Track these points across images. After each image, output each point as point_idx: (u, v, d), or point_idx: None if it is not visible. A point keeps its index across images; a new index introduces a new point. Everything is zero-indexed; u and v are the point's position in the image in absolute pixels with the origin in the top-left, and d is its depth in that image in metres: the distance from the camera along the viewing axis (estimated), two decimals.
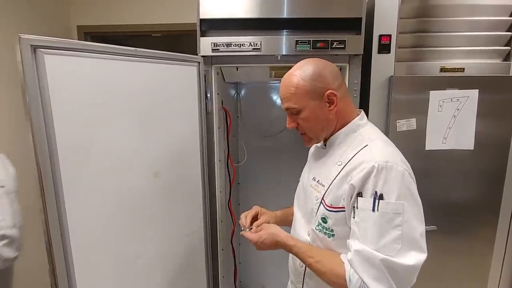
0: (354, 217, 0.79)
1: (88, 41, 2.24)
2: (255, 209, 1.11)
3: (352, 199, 0.79)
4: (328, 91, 0.85)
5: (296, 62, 0.91)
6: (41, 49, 0.78)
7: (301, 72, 0.86)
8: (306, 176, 1.01)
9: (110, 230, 1.03)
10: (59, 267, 0.87)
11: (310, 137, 0.93)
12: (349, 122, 0.90)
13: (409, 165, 0.81)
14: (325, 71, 0.87)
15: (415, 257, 0.74)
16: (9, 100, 1.76)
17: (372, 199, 0.75)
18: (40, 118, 0.80)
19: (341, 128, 0.91)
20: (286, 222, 1.13)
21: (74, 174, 0.90)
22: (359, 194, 0.77)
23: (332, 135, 0.92)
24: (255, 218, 1.08)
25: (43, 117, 0.80)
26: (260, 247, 0.95)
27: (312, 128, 0.90)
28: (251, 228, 1.02)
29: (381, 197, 0.75)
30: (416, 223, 0.75)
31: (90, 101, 0.93)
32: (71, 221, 0.89)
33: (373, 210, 0.75)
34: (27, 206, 1.85)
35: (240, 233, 1.03)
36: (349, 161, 0.84)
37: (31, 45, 0.77)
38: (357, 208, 0.78)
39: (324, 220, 0.87)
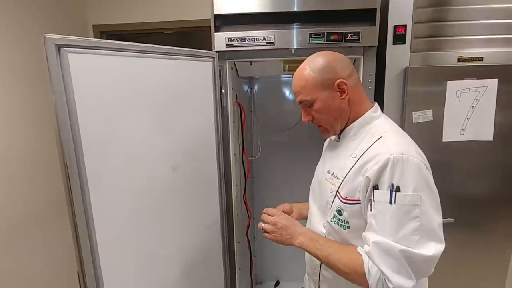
0: (370, 210, 0.79)
1: (104, 39, 2.29)
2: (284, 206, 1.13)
3: (368, 192, 0.80)
4: (338, 80, 0.86)
5: (310, 55, 0.92)
6: (65, 48, 0.81)
7: (311, 65, 0.89)
8: (321, 169, 1.02)
9: (131, 223, 1.06)
10: (86, 261, 0.91)
11: (326, 128, 0.94)
12: (362, 114, 0.91)
13: (424, 156, 0.81)
14: (334, 62, 0.89)
15: (434, 248, 0.74)
16: (32, 96, 1.83)
17: (388, 192, 0.75)
18: (65, 114, 0.82)
19: (354, 120, 0.91)
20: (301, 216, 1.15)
21: (97, 169, 0.92)
22: (375, 187, 0.78)
23: (346, 127, 0.93)
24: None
25: (68, 113, 0.83)
26: (276, 229, 0.97)
27: (326, 119, 0.91)
28: None
29: (397, 189, 0.75)
30: (433, 214, 0.76)
31: (110, 97, 0.96)
32: (96, 213, 0.92)
33: (390, 202, 0.75)
34: (51, 200, 1.93)
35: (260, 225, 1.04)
36: (363, 153, 0.84)
37: (56, 44, 0.79)
38: (373, 201, 0.78)
39: (339, 212, 0.87)
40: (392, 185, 0.75)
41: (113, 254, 1.00)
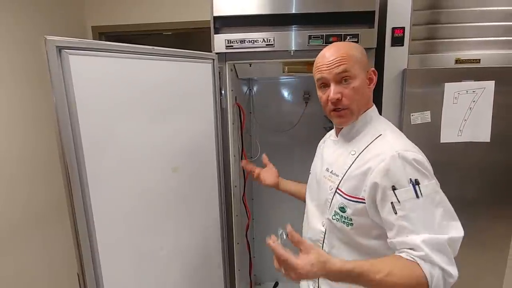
0: (395, 213, 0.75)
1: (103, 41, 2.29)
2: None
3: (381, 195, 0.78)
4: (372, 68, 0.88)
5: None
6: (65, 50, 0.82)
7: (352, 44, 0.89)
8: (319, 168, 1.02)
9: (131, 223, 1.07)
10: (86, 262, 0.91)
11: (352, 111, 0.87)
12: (365, 111, 0.92)
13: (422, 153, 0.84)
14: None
15: (460, 227, 0.76)
16: (31, 97, 1.83)
17: (411, 187, 0.75)
18: (66, 116, 0.83)
19: (359, 116, 0.92)
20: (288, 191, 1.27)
21: (98, 170, 0.93)
22: (393, 188, 0.76)
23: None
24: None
25: (69, 115, 0.84)
26: (306, 276, 0.69)
27: (359, 101, 0.87)
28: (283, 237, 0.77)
29: (417, 182, 0.75)
30: (445, 197, 0.79)
31: (110, 99, 0.96)
32: (96, 214, 0.93)
33: (417, 196, 0.75)
34: (51, 201, 1.92)
35: (274, 246, 0.69)
36: (363, 150, 0.85)
37: (56, 46, 0.80)
38: (398, 202, 0.75)
39: (342, 209, 0.87)
40: (410, 179, 0.75)
41: (113, 255, 1.01)
